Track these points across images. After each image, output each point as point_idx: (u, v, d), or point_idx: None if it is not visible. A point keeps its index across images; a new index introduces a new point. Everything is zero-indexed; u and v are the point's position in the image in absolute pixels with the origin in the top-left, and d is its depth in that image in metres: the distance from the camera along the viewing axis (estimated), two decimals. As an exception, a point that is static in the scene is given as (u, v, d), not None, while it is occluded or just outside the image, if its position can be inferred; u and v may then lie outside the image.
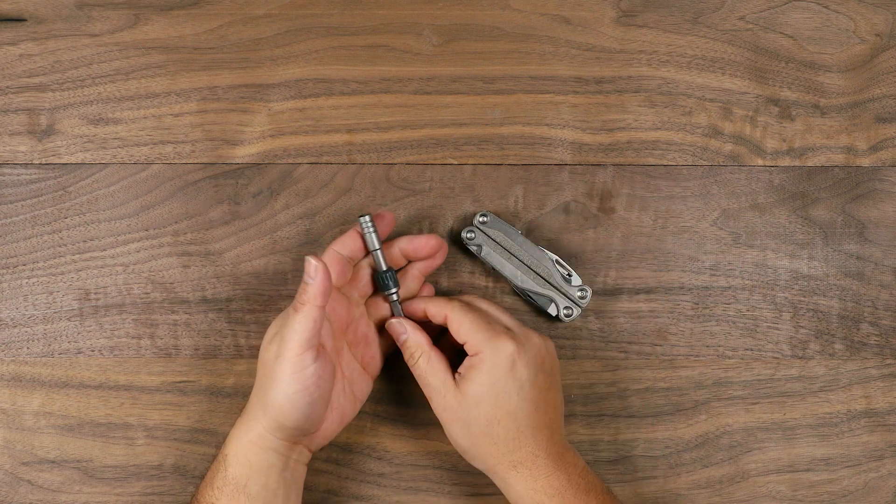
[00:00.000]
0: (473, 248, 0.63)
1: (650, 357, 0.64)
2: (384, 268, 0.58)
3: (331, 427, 0.57)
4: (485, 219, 0.63)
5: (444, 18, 0.65)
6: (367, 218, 0.57)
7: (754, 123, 0.65)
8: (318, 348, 0.54)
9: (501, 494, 0.64)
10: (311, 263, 0.53)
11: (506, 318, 0.59)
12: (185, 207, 0.64)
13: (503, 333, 0.56)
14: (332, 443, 0.63)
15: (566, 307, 0.62)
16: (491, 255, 0.62)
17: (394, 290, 0.59)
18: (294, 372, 0.53)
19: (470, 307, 0.58)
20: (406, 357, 0.58)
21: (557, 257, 0.63)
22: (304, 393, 0.53)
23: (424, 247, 0.59)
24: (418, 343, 0.57)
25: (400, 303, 0.60)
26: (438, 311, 0.58)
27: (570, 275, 0.63)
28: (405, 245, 0.59)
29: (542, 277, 0.62)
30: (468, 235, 0.63)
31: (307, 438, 0.56)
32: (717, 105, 0.65)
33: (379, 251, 0.57)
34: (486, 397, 0.55)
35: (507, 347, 0.55)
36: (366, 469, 0.64)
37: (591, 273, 0.65)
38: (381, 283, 0.58)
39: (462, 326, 0.57)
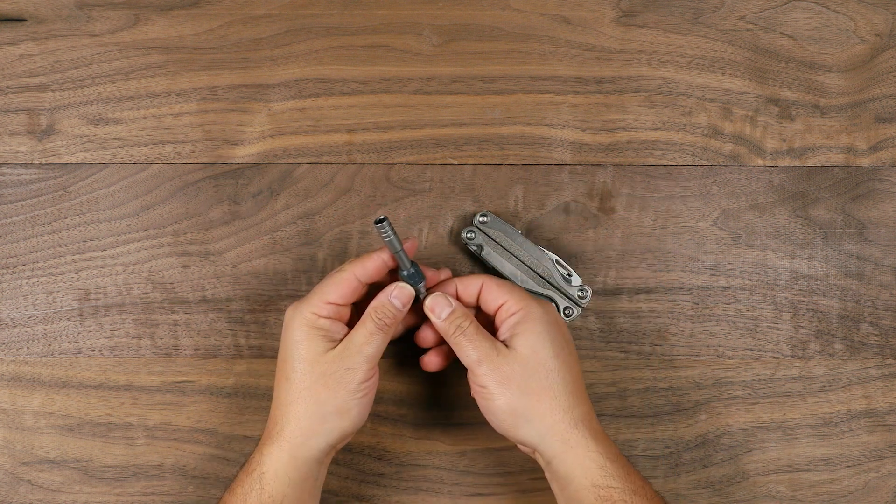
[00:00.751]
0: (474, 248, 0.63)
1: (650, 357, 0.64)
2: (409, 266, 0.57)
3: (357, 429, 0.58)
4: (485, 219, 0.63)
5: (444, 18, 0.65)
6: (386, 224, 0.55)
7: (754, 123, 0.65)
8: None
9: (500, 494, 0.64)
10: (407, 291, 0.57)
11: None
12: (185, 207, 0.64)
13: (535, 298, 0.58)
14: (332, 443, 0.63)
15: (566, 307, 0.62)
16: (491, 255, 0.62)
17: (421, 284, 0.58)
18: (365, 380, 0.55)
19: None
20: (451, 330, 0.56)
21: (557, 257, 0.63)
22: (369, 398, 0.56)
23: (433, 279, 0.59)
24: (466, 312, 0.57)
25: (428, 290, 0.59)
26: (471, 283, 0.58)
27: (570, 275, 0.63)
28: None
29: (542, 277, 0.62)
30: (468, 235, 0.63)
31: (342, 442, 0.57)
32: (717, 105, 0.65)
33: (401, 252, 0.56)
34: (543, 348, 0.55)
35: (544, 304, 0.57)
36: (366, 469, 0.64)
37: (591, 273, 0.65)
38: (411, 280, 0.57)
39: (501, 288, 0.57)
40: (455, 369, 0.64)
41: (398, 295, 0.57)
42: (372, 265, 0.56)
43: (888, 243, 0.65)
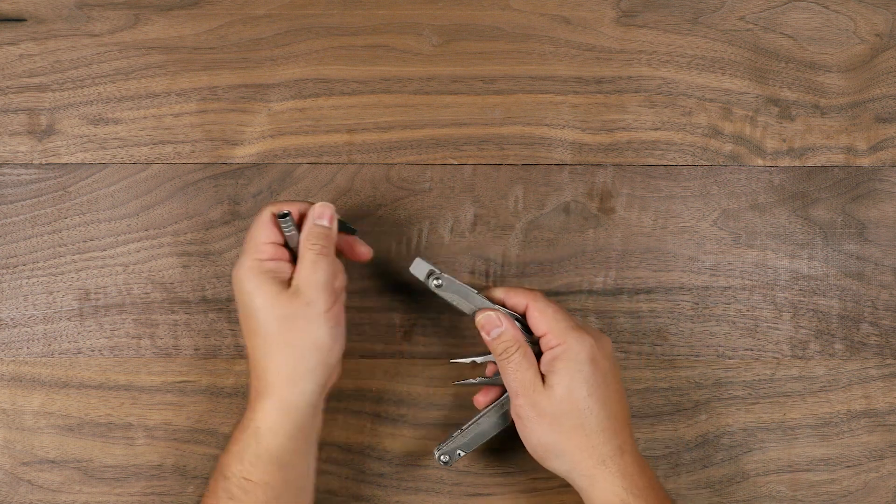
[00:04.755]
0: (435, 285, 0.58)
1: (650, 357, 0.64)
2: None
3: (339, 362, 0.58)
4: (439, 282, 0.58)
5: (444, 18, 0.65)
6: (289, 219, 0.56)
7: (754, 123, 0.65)
8: None
9: (500, 494, 0.64)
10: (327, 207, 0.57)
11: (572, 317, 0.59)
12: (185, 207, 0.64)
13: (581, 327, 0.57)
14: (331, 443, 0.63)
15: None
16: (452, 284, 0.58)
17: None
18: (328, 309, 0.55)
19: (549, 299, 0.58)
20: (499, 352, 0.57)
21: (518, 315, 0.58)
22: (341, 327, 0.56)
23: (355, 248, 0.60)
24: (516, 337, 0.57)
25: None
26: (519, 300, 0.58)
27: (530, 333, 0.58)
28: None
29: None
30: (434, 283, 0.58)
31: (330, 380, 0.57)
32: (717, 105, 0.65)
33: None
34: (577, 387, 0.55)
35: (586, 339, 0.56)
36: (366, 469, 0.64)
37: (592, 273, 0.65)
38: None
39: (545, 316, 0.57)
40: (455, 371, 0.64)
41: (320, 214, 0.57)
42: (287, 206, 0.57)
43: (888, 243, 0.65)
